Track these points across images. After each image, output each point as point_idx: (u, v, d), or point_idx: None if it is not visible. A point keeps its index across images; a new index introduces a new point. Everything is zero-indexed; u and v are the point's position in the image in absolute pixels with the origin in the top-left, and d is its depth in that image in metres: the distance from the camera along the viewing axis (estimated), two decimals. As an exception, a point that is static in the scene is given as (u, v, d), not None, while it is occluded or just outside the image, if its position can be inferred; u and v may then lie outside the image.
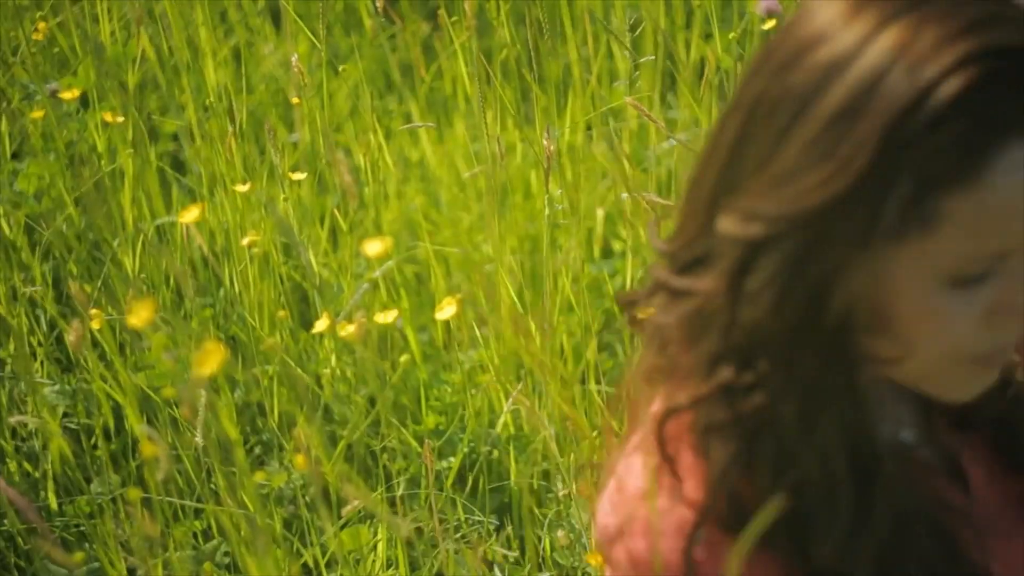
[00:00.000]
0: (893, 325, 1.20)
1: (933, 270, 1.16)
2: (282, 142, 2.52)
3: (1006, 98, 1.08)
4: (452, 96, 2.65)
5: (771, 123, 1.14)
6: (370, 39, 2.77)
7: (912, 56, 1.09)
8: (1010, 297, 1.19)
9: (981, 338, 1.21)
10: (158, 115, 2.51)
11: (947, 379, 1.26)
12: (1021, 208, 1.13)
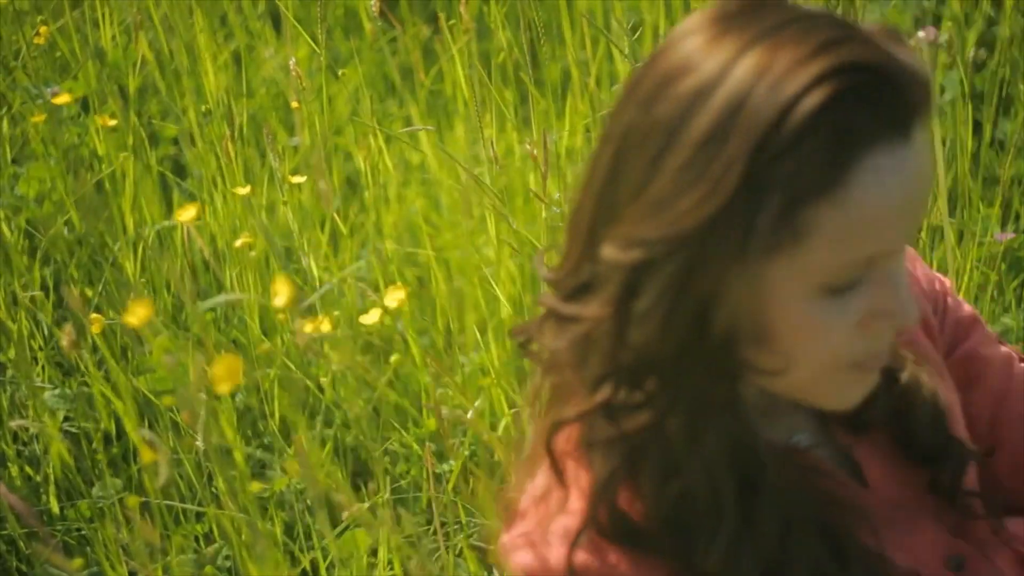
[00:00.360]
0: (774, 337, 1.25)
1: (807, 281, 1.21)
2: (283, 146, 2.52)
3: (861, 111, 1.14)
4: (452, 99, 2.65)
5: (642, 152, 1.19)
6: (370, 43, 2.77)
7: (771, 77, 1.15)
8: (882, 303, 1.23)
9: (858, 344, 1.26)
10: (158, 119, 2.51)
11: (828, 387, 1.30)
12: (884, 215, 1.18)
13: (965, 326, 1.61)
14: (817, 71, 1.14)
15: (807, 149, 1.14)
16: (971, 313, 1.61)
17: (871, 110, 1.15)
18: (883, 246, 1.20)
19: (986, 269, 2.09)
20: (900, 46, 1.19)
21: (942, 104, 2.31)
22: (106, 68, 2.36)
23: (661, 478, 1.26)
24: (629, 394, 1.24)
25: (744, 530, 1.27)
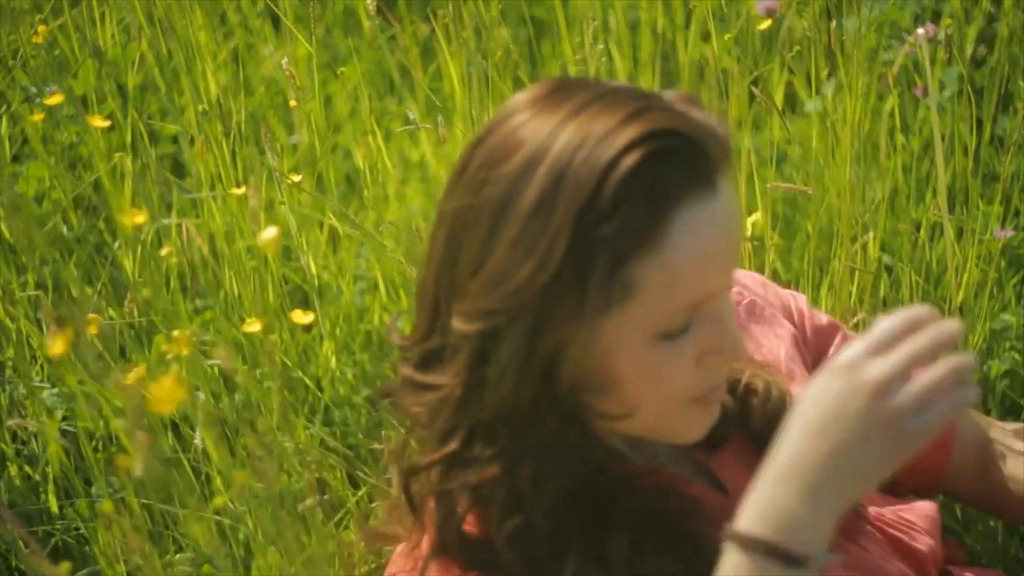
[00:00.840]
0: (618, 384, 1.37)
1: (641, 330, 1.34)
2: (282, 144, 2.52)
3: (670, 171, 1.27)
4: (451, 97, 2.65)
5: (476, 231, 1.32)
6: (369, 40, 2.77)
7: (586, 149, 1.27)
8: (713, 341, 1.37)
9: (696, 381, 1.40)
10: (158, 118, 2.51)
11: (674, 423, 1.43)
12: (702, 262, 1.32)
13: (826, 333, 1.78)
14: (627, 139, 1.26)
15: (625, 211, 1.26)
16: (829, 321, 1.79)
17: (678, 170, 1.28)
18: (706, 290, 1.34)
19: (985, 266, 2.09)
20: (698, 109, 1.35)
21: (941, 101, 2.31)
22: (105, 67, 2.36)
23: (505, 516, 1.37)
24: (482, 448, 1.37)
25: (592, 555, 1.37)
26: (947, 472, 1.78)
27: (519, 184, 1.29)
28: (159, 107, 2.53)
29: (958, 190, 2.31)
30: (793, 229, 2.33)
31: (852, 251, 2.07)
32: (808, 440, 1.19)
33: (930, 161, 2.25)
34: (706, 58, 2.38)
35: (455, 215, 1.35)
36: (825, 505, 1.19)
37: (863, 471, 1.19)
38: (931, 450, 1.74)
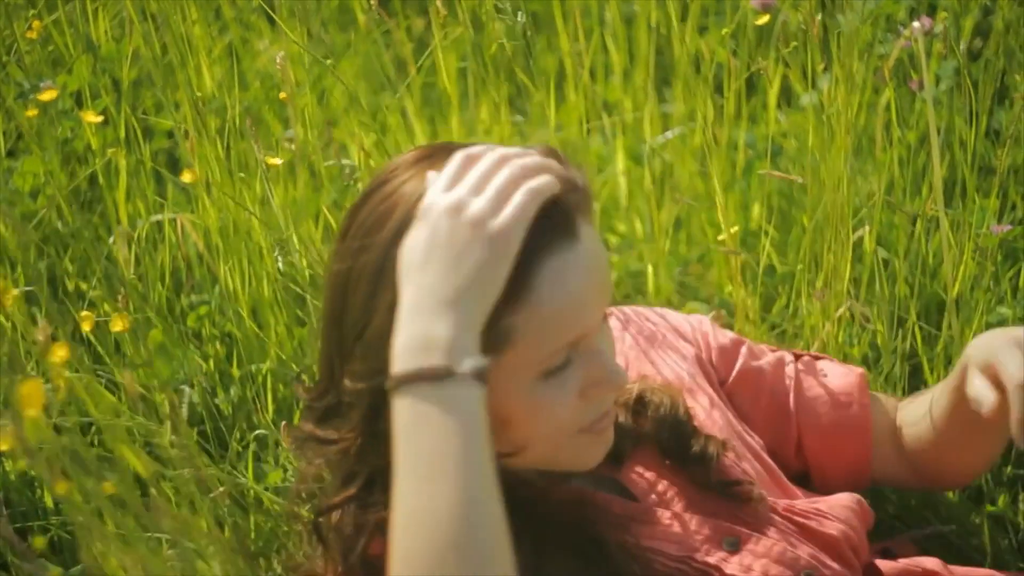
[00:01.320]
0: (509, 424, 1.47)
1: (525, 373, 1.45)
2: (277, 139, 2.51)
3: (537, 224, 1.35)
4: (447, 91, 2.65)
5: (357, 295, 1.42)
6: (364, 35, 2.77)
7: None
8: (594, 374, 1.48)
9: (582, 412, 1.51)
10: (153, 113, 2.50)
11: (567, 454, 1.55)
12: (572, 305, 1.42)
13: (730, 351, 1.90)
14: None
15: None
16: (733, 339, 1.91)
17: (539, 224, 1.36)
18: (580, 330, 1.45)
19: (981, 260, 2.08)
20: (559, 163, 1.45)
21: (937, 94, 2.31)
22: (99, 62, 2.35)
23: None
24: (381, 492, 1.45)
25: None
26: (871, 460, 1.88)
27: (392, 250, 1.37)
28: (154, 102, 2.52)
29: (954, 184, 2.31)
30: (789, 222, 2.33)
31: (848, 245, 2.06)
32: (416, 276, 1.32)
33: (926, 155, 2.25)
34: (702, 52, 2.38)
35: (338, 278, 1.44)
36: (453, 321, 1.30)
37: (476, 279, 1.32)
38: (851, 442, 1.87)
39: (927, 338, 2.14)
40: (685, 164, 2.39)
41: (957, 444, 1.78)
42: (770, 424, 1.89)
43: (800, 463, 1.91)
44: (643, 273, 2.38)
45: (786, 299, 2.27)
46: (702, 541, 1.61)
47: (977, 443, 1.77)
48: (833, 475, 1.89)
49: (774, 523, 1.66)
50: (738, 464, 1.71)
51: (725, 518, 1.64)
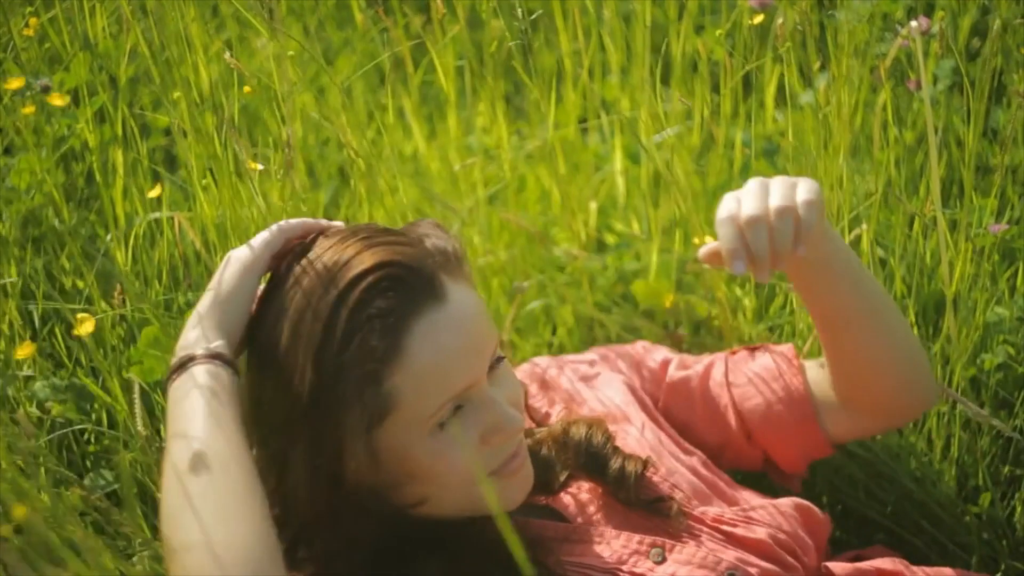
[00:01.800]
0: (413, 478, 1.61)
1: (417, 429, 1.58)
2: (273, 137, 2.51)
3: (394, 295, 1.53)
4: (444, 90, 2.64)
5: (251, 374, 1.63)
6: (361, 33, 2.76)
7: (317, 295, 1.56)
8: (488, 421, 1.61)
9: (488, 457, 1.64)
10: (150, 110, 2.50)
11: (481, 500, 1.65)
12: (450, 360, 1.56)
13: (658, 372, 2.06)
14: (349, 278, 1.54)
15: (360, 338, 1.52)
16: (662, 359, 2.08)
17: (402, 292, 1.54)
18: (463, 381, 1.58)
19: (979, 259, 2.08)
20: (429, 231, 1.65)
21: (935, 94, 2.31)
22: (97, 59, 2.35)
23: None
24: (305, 549, 1.62)
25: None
26: (819, 426, 1.98)
27: (273, 334, 1.58)
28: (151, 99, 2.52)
29: (952, 183, 2.31)
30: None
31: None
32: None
33: (923, 154, 2.25)
34: (699, 51, 2.38)
35: (245, 361, 1.64)
36: (202, 325, 1.59)
37: (221, 292, 1.64)
38: (792, 415, 1.97)
39: (924, 337, 2.14)
40: (683, 163, 2.39)
41: (848, 359, 1.90)
42: (712, 426, 2.02)
43: (759, 450, 2.02)
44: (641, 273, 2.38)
45: (783, 299, 2.27)
46: (630, 554, 1.71)
47: (855, 348, 1.88)
48: (791, 451, 2.01)
49: (702, 533, 1.76)
50: (667, 480, 1.82)
51: (653, 532, 1.75)
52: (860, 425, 1.98)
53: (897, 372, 1.91)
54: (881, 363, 1.89)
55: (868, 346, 1.87)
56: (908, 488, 2.15)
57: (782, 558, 1.75)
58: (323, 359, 1.54)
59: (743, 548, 1.75)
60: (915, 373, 1.92)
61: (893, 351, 1.89)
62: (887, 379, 1.91)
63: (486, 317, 1.65)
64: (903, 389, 1.93)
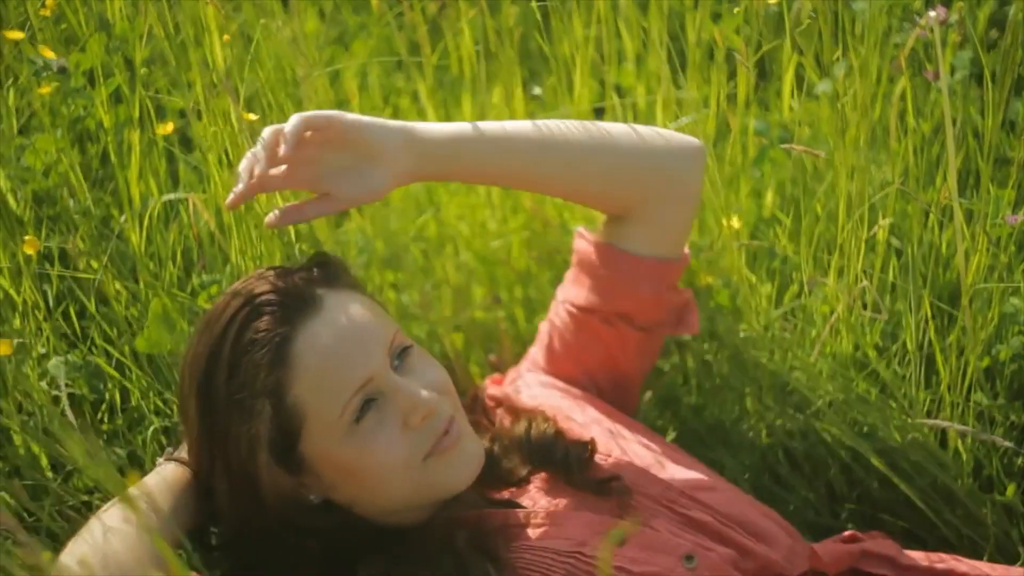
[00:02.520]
0: (352, 472, 1.73)
1: (333, 430, 1.71)
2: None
3: (277, 313, 1.70)
4: (460, 74, 2.64)
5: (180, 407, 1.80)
6: (377, 17, 2.75)
7: (206, 334, 1.74)
8: (402, 406, 1.73)
9: (416, 441, 1.74)
10: (165, 92, 2.49)
11: (429, 481, 1.76)
12: (338, 360, 1.69)
13: (534, 354, 2.21)
14: (230, 313, 1.71)
15: (248, 362, 1.67)
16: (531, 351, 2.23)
17: (279, 312, 1.69)
18: (360, 376, 1.70)
19: (995, 250, 2.08)
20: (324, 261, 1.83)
21: (953, 84, 2.30)
22: (113, 40, 2.34)
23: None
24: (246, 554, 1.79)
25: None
26: (643, 256, 2.06)
27: (182, 377, 1.78)
28: (166, 81, 2.51)
29: (968, 174, 2.30)
30: (801, 210, 2.32)
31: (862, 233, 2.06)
32: None
33: (940, 145, 2.24)
34: (715, 38, 2.37)
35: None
36: None
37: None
38: (628, 270, 2.06)
39: (940, 328, 2.14)
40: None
41: (576, 198, 2.08)
42: (584, 347, 2.15)
43: (624, 324, 2.12)
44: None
45: (798, 287, 2.26)
46: (591, 535, 1.76)
47: (568, 194, 2.06)
48: (642, 294, 2.08)
49: (659, 515, 1.83)
50: (615, 458, 1.92)
51: (610, 514, 1.82)
52: (654, 224, 2.04)
53: (626, 183, 2.01)
54: (604, 188, 2.02)
55: (577, 187, 2.01)
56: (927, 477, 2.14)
57: (738, 541, 1.83)
58: (211, 389, 1.71)
59: (700, 532, 1.83)
60: (647, 171, 2.01)
61: (606, 176, 2.00)
62: (621, 192, 2.02)
63: (374, 313, 1.77)
64: (646, 186, 2.02)
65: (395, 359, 1.77)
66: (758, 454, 2.31)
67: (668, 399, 2.42)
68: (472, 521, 1.83)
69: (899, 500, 2.21)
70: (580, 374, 2.14)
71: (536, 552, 1.75)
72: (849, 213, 2.07)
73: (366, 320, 1.75)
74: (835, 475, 2.25)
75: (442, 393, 1.79)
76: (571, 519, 1.80)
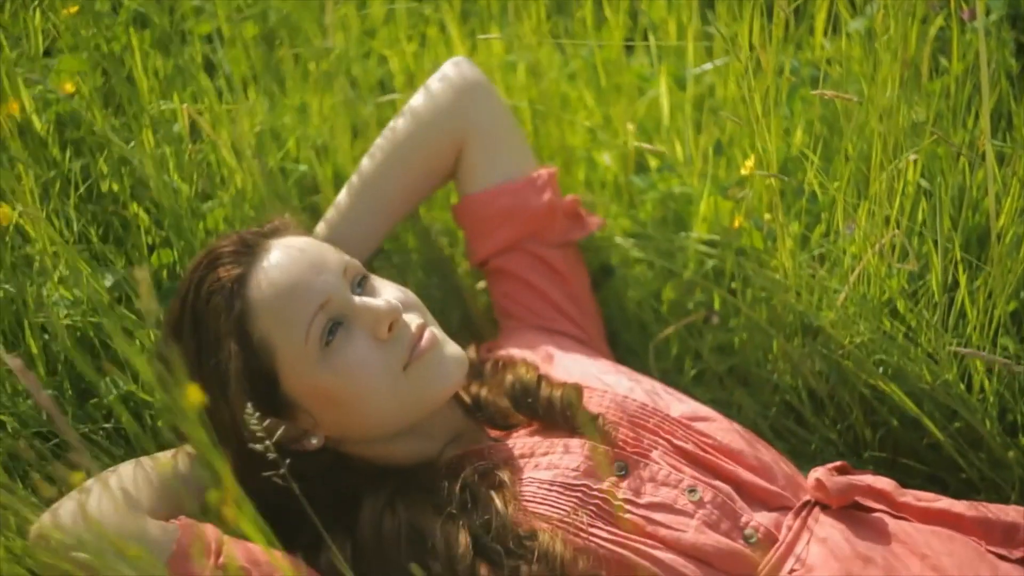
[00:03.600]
0: (340, 399, 1.79)
1: (306, 357, 1.77)
2: (316, 48, 2.49)
3: (229, 263, 1.81)
4: (488, 5, 2.61)
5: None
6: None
7: (183, 288, 1.84)
8: (366, 319, 1.80)
9: (391, 351, 1.80)
10: (191, 16, 2.48)
11: (414, 392, 1.82)
12: (284, 292, 1.77)
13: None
14: (191, 270, 1.83)
15: (212, 307, 1.77)
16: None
17: (231, 262, 1.80)
18: (315, 300, 1.78)
19: (1028, 192, 2.05)
20: (276, 221, 1.94)
21: (987, 25, 2.26)
22: (139, -37, 2.32)
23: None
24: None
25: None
26: (485, 187, 2.25)
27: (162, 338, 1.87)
28: (192, 7, 2.49)
29: (1000, 117, 2.27)
30: (831, 150, 2.30)
31: (896, 174, 2.04)
32: None
33: (973, 86, 2.21)
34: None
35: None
36: None
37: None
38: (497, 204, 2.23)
39: (968, 270, 2.11)
40: (728, 88, 2.36)
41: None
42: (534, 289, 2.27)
43: (573, 295, 2.28)
44: (685, 196, 2.35)
45: (825, 226, 2.24)
46: (595, 467, 1.81)
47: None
48: (526, 216, 2.25)
49: (657, 447, 1.87)
50: (603, 395, 1.95)
51: (612, 450, 1.85)
52: (481, 159, 2.24)
53: (435, 151, 2.25)
54: (425, 166, 2.26)
55: (413, 184, 2.27)
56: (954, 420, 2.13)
57: (736, 472, 1.87)
58: (182, 340, 1.79)
59: (697, 467, 1.87)
60: (442, 134, 2.24)
61: (421, 159, 2.24)
62: (439, 159, 2.26)
63: (323, 248, 1.85)
64: (452, 141, 2.24)
65: (355, 287, 1.85)
66: (780, 396, 2.29)
67: (689, 338, 2.40)
68: (478, 455, 1.87)
69: (922, 444, 2.20)
70: (544, 310, 2.26)
71: (543, 485, 1.78)
72: (877, 156, 2.04)
73: (314, 248, 1.84)
74: (858, 418, 2.23)
75: (408, 307, 1.87)
76: (573, 455, 1.83)
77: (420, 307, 1.90)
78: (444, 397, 1.86)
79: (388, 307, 1.80)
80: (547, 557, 1.69)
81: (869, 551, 1.75)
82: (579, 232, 2.28)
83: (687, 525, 1.78)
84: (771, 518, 1.83)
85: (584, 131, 2.50)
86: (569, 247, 2.29)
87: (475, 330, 2.51)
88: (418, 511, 1.77)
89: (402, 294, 1.88)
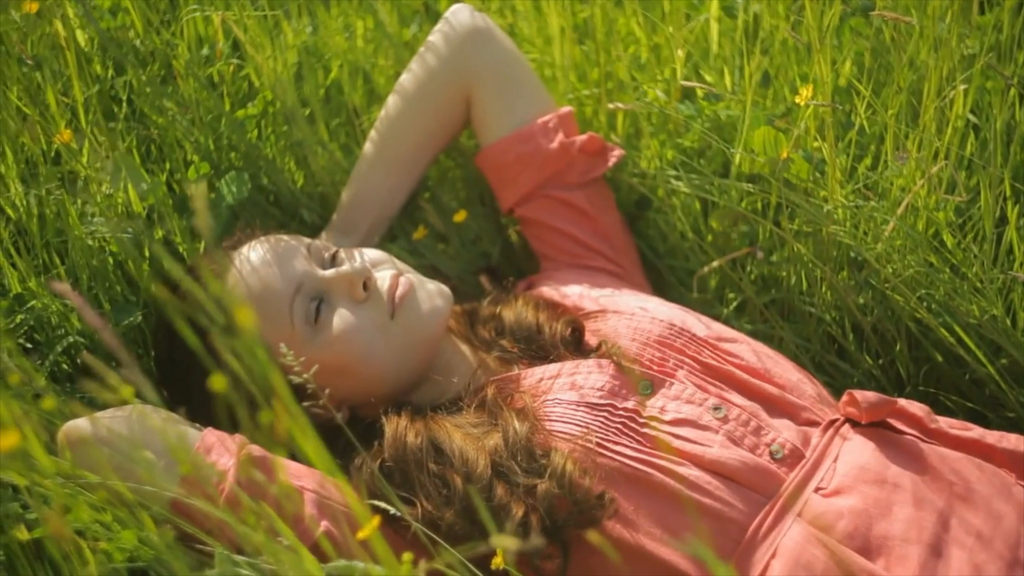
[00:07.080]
0: (345, 368, 1.87)
1: (298, 343, 1.85)
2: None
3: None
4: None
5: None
6: None
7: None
8: (340, 287, 1.89)
9: (373, 306, 1.89)
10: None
11: (407, 337, 1.90)
12: (256, 287, 1.87)
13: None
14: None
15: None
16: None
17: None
18: (288, 285, 1.88)
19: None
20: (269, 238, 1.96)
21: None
22: None
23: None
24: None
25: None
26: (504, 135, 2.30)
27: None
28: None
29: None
30: (878, 83, 2.27)
31: (947, 105, 2.01)
32: None
33: (1024, 20, 2.18)
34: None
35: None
36: None
37: None
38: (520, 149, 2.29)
39: (1018, 204, 2.09)
40: (777, 17, 2.33)
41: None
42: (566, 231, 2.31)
43: (602, 232, 2.33)
44: (731, 124, 2.33)
45: (871, 159, 2.22)
46: (620, 387, 1.85)
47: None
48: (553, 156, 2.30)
49: (683, 366, 1.92)
50: (631, 317, 2.01)
51: (639, 368, 1.90)
52: (492, 108, 2.31)
53: (447, 101, 2.31)
54: (438, 120, 2.34)
55: (432, 134, 2.34)
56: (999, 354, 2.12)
57: (764, 390, 1.90)
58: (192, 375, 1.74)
59: (727, 383, 1.91)
60: (448, 85, 2.30)
61: (434, 111, 2.32)
62: (452, 108, 2.32)
63: (281, 239, 1.94)
64: (461, 92, 2.31)
65: (327, 264, 1.95)
66: (823, 328, 2.28)
67: (731, 271, 2.38)
68: (502, 380, 1.92)
69: (965, 380, 2.18)
70: (574, 249, 2.31)
71: (569, 406, 1.82)
72: (931, 86, 2.02)
73: (273, 246, 1.93)
74: (901, 352, 2.21)
75: (377, 263, 1.96)
76: (598, 375, 1.87)
77: (390, 260, 1.99)
78: (438, 331, 1.94)
79: (356, 269, 1.89)
80: (556, 474, 1.72)
81: (897, 475, 1.74)
82: (600, 168, 2.32)
83: (712, 440, 1.80)
84: (799, 434, 1.83)
85: (630, 59, 2.47)
86: (593, 185, 2.33)
87: (516, 262, 2.50)
88: (438, 429, 1.80)
89: (369, 254, 1.97)
